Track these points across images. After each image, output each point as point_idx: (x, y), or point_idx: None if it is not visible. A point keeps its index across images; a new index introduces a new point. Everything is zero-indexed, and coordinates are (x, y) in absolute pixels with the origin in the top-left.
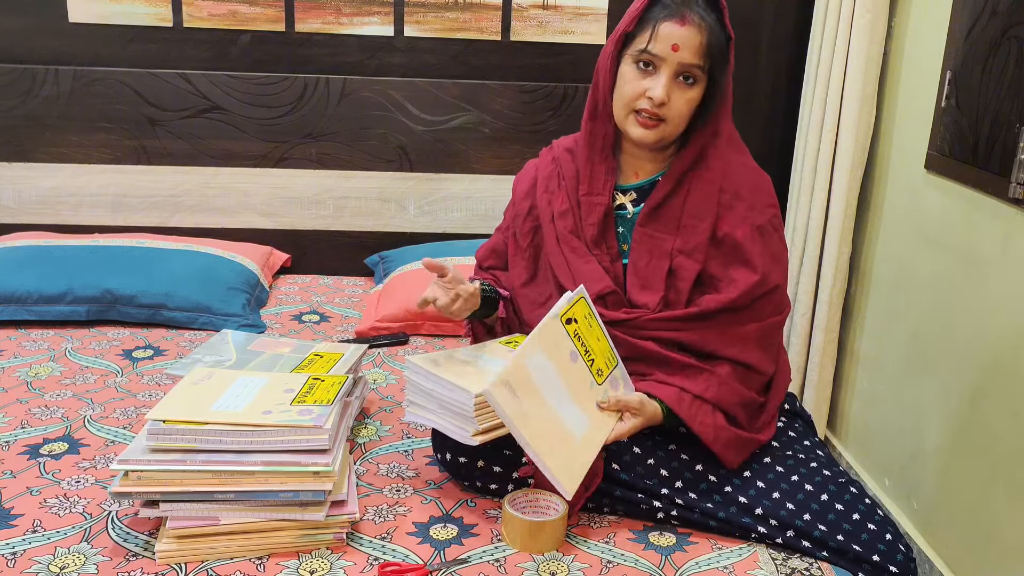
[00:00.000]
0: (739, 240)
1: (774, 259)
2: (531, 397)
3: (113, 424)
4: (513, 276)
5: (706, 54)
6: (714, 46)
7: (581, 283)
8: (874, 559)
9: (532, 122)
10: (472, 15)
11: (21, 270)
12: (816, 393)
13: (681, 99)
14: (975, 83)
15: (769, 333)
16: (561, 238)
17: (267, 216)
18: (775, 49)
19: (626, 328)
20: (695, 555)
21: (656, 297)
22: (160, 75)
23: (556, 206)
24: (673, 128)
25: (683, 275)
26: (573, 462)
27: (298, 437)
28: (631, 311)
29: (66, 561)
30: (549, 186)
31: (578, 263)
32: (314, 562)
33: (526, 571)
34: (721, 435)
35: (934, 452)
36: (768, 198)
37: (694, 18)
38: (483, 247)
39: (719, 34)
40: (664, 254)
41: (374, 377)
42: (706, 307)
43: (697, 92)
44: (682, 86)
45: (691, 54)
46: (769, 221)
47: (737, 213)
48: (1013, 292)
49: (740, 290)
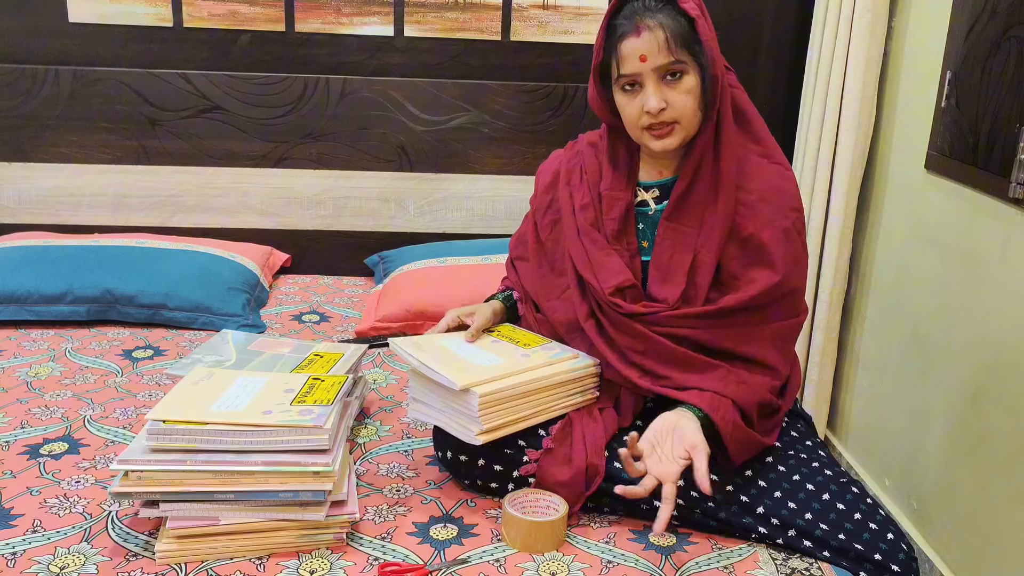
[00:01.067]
0: (764, 241)
1: (796, 262)
2: (433, 345)
3: (113, 424)
4: (533, 266)
5: (673, 47)
6: (679, 36)
7: (601, 275)
8: (876, 558)
9: (532, 122)
10: (472, 15)
11: (21, 270)
12: (816, 393)
13: (678, 95)
14: (975, 83)
15: (785, 335)
16: (582, 230)
17: (267, 216)
18: (775, 49)
19: (644, 322)
20: (695, 555)
21: (677, 291)
22: (160, 75)
23: (577, 199)
24: (688, 124)
25: (703, 271)
26: (465, 368)
27: (298, 437)
28: (650, 305)
29: (66, 561)
30: (571, 180)
31: (599, 255)
32: (314, 562)
33: (526, 571)
34: (736, 433)
35: (934, 452)
36: (793, 200)
37: (647, 23)
38: (514, 236)
39: (679, 22)
40: (688, 248)
41: (374, 377)
42: (725, 304)
43: (691, 80)
44: (672, 83)
45: (659, 56)
46: (793, 224)
47: (763, 215)
48: (1013, 292)
49: (759, 289)
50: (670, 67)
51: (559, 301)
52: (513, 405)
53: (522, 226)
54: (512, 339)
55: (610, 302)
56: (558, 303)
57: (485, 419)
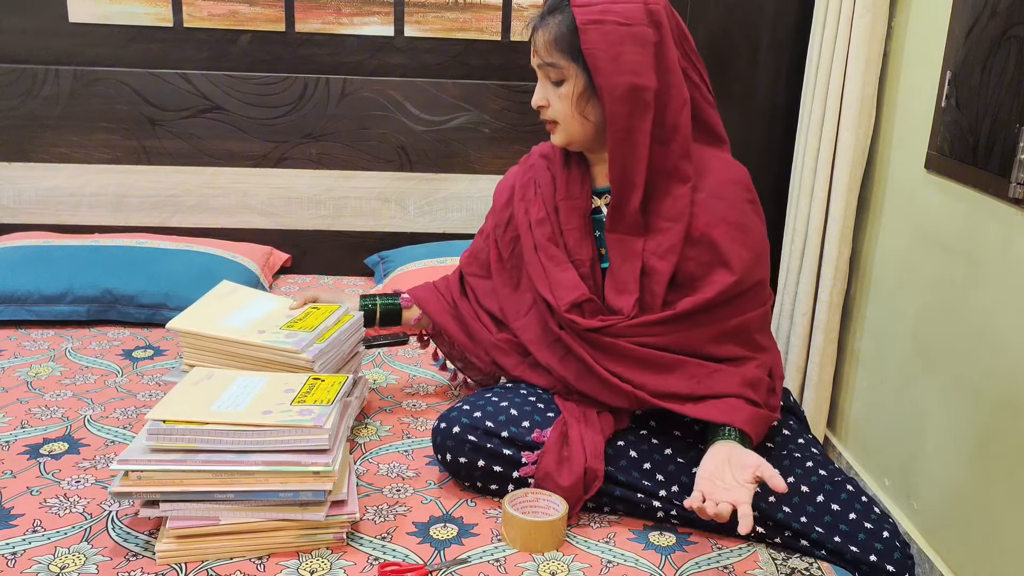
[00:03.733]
0: (717, 239)
1: (753, 255)
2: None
3: (113, 424)
4: (497, 285)
5: (549, 50)
6: (559, 39)
7: (557, 291)
8: (871, 559)
9: (532, 122)
10: (472, 15)
11: (21, 270)
12: (816, 393)
13: (555, 98)
14: (975, 83)
15: (752, 326)
16: (539, 246)
17: (267, 216)
18: (775, 49)
19: (604, 335)
20: (695, 555)
21: (631, 300)
22: (160, 75)
23: (533, 214)
24: (566, 125)
25: (656, 278)
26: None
27: (298, 437)
28: (606, 318)
29: (66, 561)
30: (526, 195)
31: (555, 272)
32: (314, 562)
33: (526, 571)
34: (760, 429)
35: (934, 452)
36: (745, 192)
37: (543, 22)
38: (466, 252)
39: (563, 26)
40: (635, 256)
41: (374, 377)
42: (681, 309)
43: (568, 88)
44: (555, 87)
45: (542, 54)
46: (747, 217)
47: (713, 211)
48: (1013, 292)
49: (716, 290)
50: (545, 69)
51: (527, 319)
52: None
53: (476, 242)
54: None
55: (566, 319)
56: (526, 321)
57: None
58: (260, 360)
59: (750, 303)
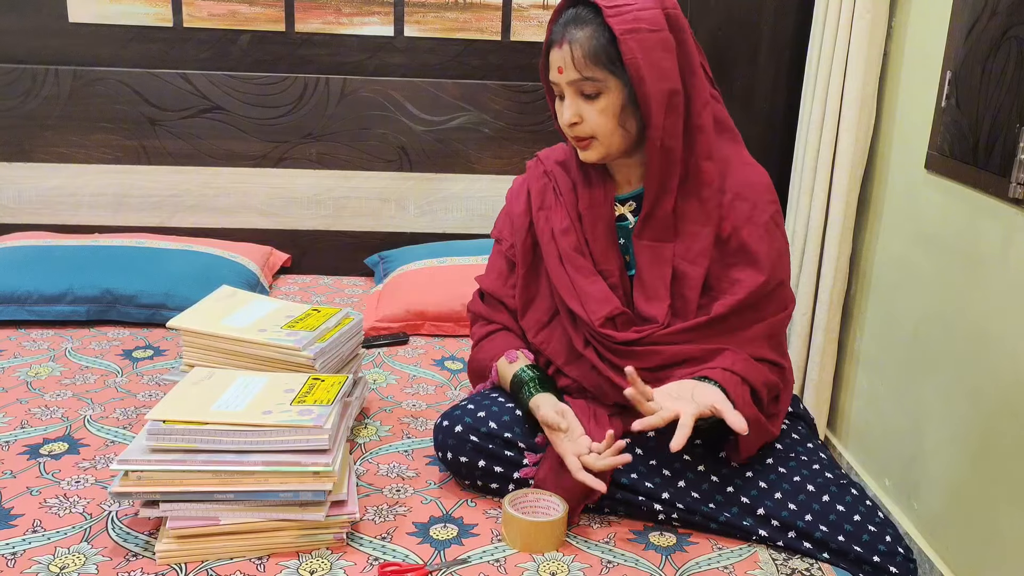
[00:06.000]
0: (745, 240)
1: (779, 256)
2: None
3: (113, 424)
4: (517, 295)
5: (587, 64)
6: (597, 52)
7: (589, 305)
8: (874, 560)
9: (532, 122)
10: (472, 15)
11: (21, 270)
12: (816, 393)
13: (593, 113)
14: (975, 83)
15: (775, 331)
16: (565, 257)
17: (267, 216)
18: (775, 49)
19: (639, 345)
20: (695, 555)
21: (663, 307)
22: (160, 75)
23: (556, 223)
24: (607, 141)
25: (688, 283)
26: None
27: (298, 437)
28: (641, 329)
29: (66, 561)
30: (545, 202)
31: (584, 284)
32: (314, 562)
33: (526, 571)
34: (747, 411)
35: (934, 452)
36: (769, 194)
37: (569, 35)
38: (491, 276)
39: (599, 38)
40: (665, 262)
41: (374, 377)
42: (717, 312)
43: (606, 101)
44: (589, 101)
45: (572, 71)
46: (772, 218)
47: (740, 212)
48: (1013, 292)
49: (748, 290)
50: (581, 84)
51: (548, 331)
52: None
53: (497, 263)
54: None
55: (602, 334)
56: (547, 333)
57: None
58: (261, 358)
59: (777, 304)
